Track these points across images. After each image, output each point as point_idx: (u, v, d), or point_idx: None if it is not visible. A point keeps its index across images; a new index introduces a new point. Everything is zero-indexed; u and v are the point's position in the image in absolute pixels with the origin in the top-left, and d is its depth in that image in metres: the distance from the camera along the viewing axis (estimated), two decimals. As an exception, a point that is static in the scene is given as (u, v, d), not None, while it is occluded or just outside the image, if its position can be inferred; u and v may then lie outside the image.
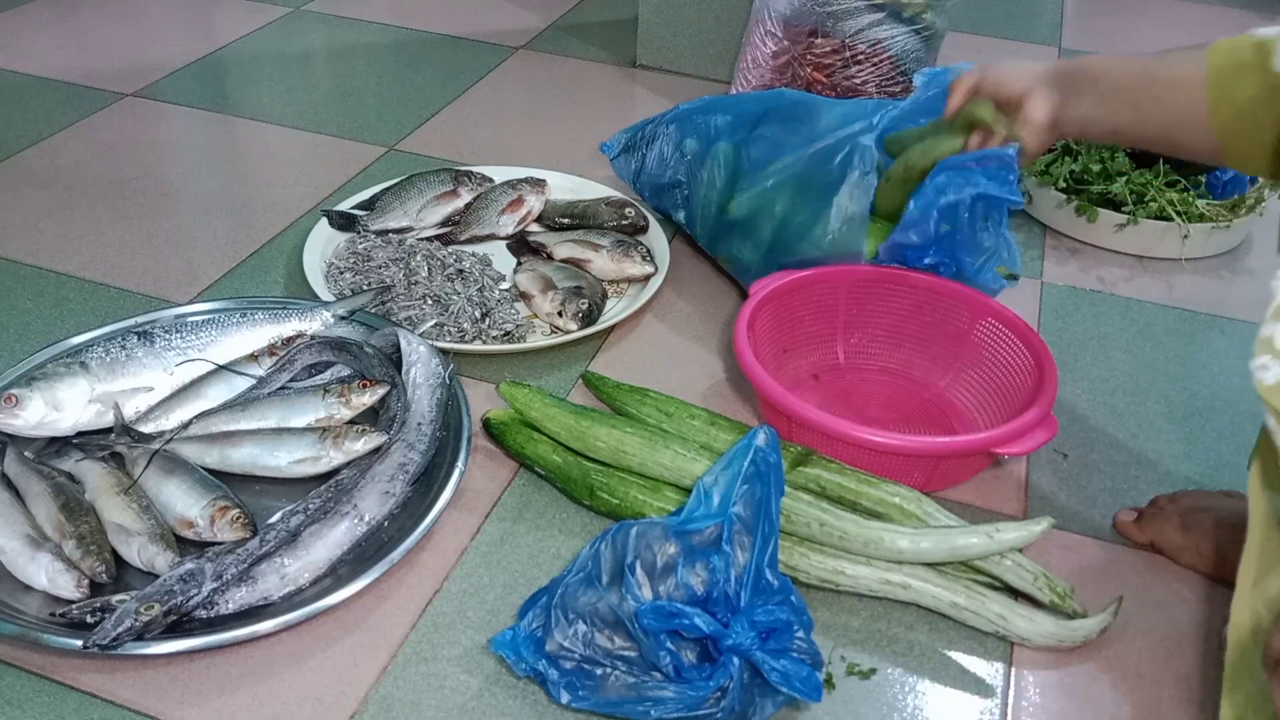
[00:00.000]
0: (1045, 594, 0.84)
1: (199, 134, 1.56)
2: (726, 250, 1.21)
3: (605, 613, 0.75)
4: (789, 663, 0.71)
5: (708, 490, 0.80)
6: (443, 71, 1.76)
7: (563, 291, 1.14)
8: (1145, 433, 1.05)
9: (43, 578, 0.79)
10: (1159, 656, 0.83)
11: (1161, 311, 1.25)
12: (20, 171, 1.41)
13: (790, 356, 1.08)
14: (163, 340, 1.00)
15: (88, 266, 1.22)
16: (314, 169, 1.45)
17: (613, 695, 0.74)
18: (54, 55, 1.75)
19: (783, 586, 0.74)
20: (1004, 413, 0.98)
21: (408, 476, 0.90)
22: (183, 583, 0.77)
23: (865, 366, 1.11)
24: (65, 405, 0.93)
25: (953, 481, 0.97)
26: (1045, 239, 1.38)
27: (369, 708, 0.76)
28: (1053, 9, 2.18)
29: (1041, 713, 0.79)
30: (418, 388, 0.97)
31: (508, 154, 1.49)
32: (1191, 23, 2.12)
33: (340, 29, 1.92)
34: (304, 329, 1.05)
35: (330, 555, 0.83)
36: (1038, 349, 0.98)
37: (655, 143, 1.30)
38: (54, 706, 0.75)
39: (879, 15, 1.43)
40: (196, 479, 0.88)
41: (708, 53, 1.76)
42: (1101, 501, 0.97)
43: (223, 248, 1.27)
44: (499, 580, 0.86)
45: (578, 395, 1.06)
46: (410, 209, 1.30)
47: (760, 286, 1.05)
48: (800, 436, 0.93)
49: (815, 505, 0.86)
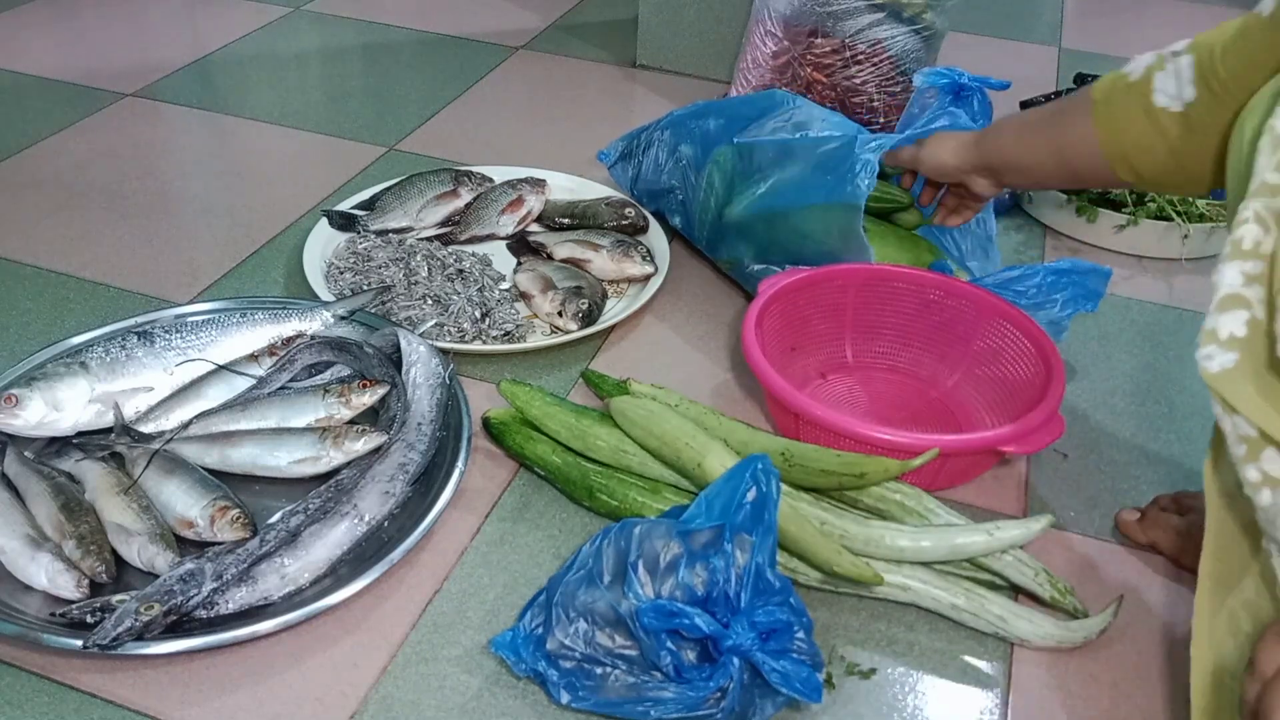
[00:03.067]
0: (1045, 590, 0.84)
1: (199, 134, 1.55)
2: (726, 254, 1.21)
3: (606, 611, 0.75)
4: (789, 663, 0.71)
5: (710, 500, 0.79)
6: (443, 71, 1.76)
7: (563, 291, 1.14)
8: (1145, 433, 1.05)
9: (43, 578, 0.79)
10: (1159, 656, 0.83)
11: (1161, 311, 1.25)
12: (20, 171, 1.41)
13: (798, 355, 1.08)
14: (163, 340, 1.00)
15: (88, 266, 1.22)
16: (314, 169, 1.45)
17: (613, 695, 0.74)
18: (54, 55, 1.75)
19: (783, 587, 0.74)
20: (1011, 412, 0.98)
21: (408, 476, 0.90)
22: (183, 583, 0.77)
23: (873, 365, 1.11)
24: (65, 405, 0.93)
25: (959, 480, 0.97)
26: (1045, 239, 1.38)
27: (369, 708, 0.76)
28: (1053, 9, 2.18)
29: (1041, 713, 0.79)
30: (418, 388, 0.97)
31: (508, 154, 1.49)
32: (1191, 23, 2.13)
33: (340, 29, 1.92)
34: (304, 329, 1.05)
35: (330, 555, 0.83)
36: (1045, 348, 0.98)
37: (651, 149, 1.30)
38: (54, 706, 0.75)
39: (879, 15, 1.43)
40: (196, 479, 0.88)
41: (708, 53, 1.76)
42: (1102, 501, 0.97)
43: (223, 248, 1.27)
44: (499, 580, 0.86)
45: (578, 395, 1.06)
46: (410, 209, 1.30)
47: (769, 285, 1.05)
48: (808, 434, 0.93)
49: (816, 505, 0.86)
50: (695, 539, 0.76)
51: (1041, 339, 0.99)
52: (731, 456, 0.87)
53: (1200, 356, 0.62)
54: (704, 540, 0.76)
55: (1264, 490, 0.61)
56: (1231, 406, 0.61)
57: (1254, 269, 0.62)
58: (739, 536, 0.75)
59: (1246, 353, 0.61)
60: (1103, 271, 1.05)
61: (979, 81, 1.11)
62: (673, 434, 0.90)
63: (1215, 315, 0.62)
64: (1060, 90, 1.54)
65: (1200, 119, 0.83)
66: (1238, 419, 0.61)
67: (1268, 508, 0.61)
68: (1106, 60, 1.83)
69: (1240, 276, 0.62)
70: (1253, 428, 0.61)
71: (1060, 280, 1.05)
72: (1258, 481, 0.61)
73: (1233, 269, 0.62)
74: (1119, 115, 0.88)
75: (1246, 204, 0.62)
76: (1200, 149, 0.84)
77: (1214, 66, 0.80)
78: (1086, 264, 1.05)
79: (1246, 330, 0.61)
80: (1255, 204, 0.62)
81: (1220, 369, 0.61)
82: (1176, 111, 0.84)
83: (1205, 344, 0.62)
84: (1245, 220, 0.62)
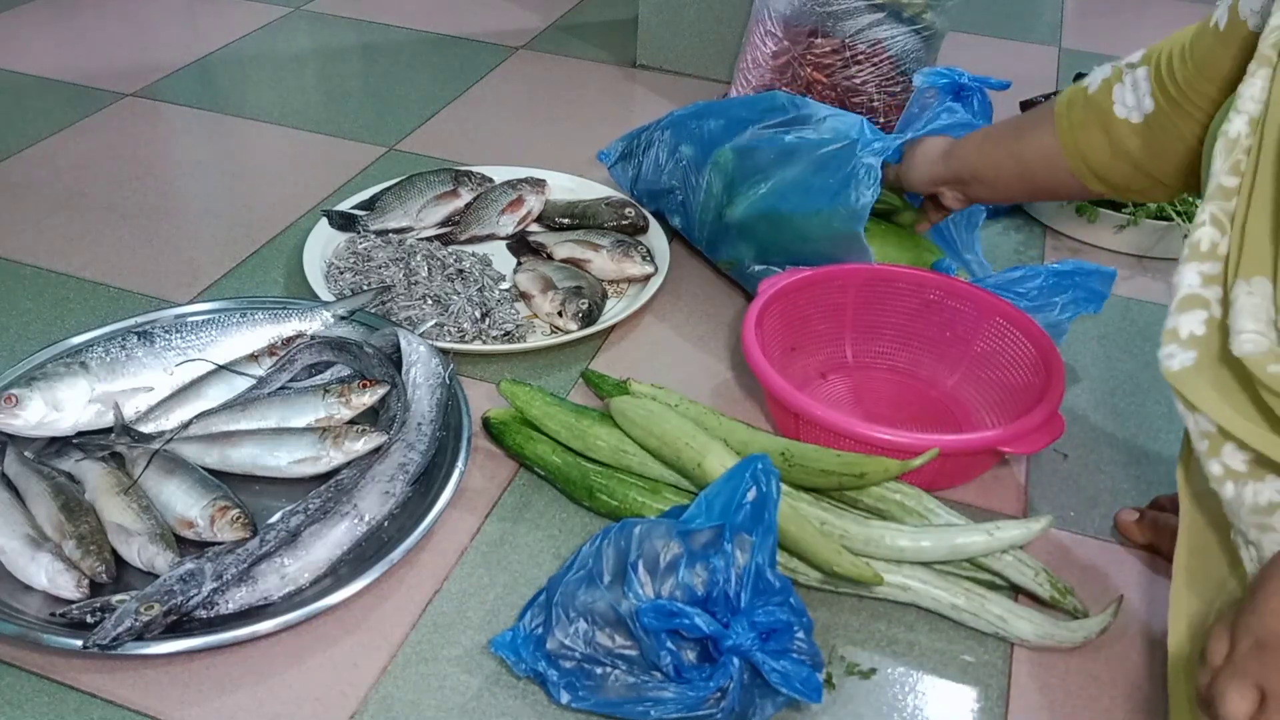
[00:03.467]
0: (1045, 590, 0.84)
1: (199, 134, 1.55)
2: (726, 254, 1.21)
3: (606, 611, 0.75)
4: (789, 663, 0.71)
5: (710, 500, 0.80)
6: (443, 71, 1.76)
7: (563, 291, 1.14)
8: (1145, 433, 1.05)
9: (43, 578, 0.79)
10: (1159, 656, 0.83)
11: (1161, 311, 1.23)
12: (20, 171, 1.41)
13: (798, 355, 1.08)
14: (163, 340, 1.00)
15: (88, 266, 1.22)
16: (314, 169, 1.45)
17: (613, 695, 0.74)
18: (54, 55, 1.75)
19: (783, 587, 0.74)
20: (1011, 412, 0.98)
21: (408, 476, 0.90)
22: (183, 583, 0.77)
23: (873, 365, 1.11)
24: (65, 405, 0.93)
25: (959, 480, 0.97)
26: (1045, 239, 1.38)
27: (369, 708, 0.76)
28: (1053, 9, 2.18)
29: (1041, 713, 0.79)
30: (418, 388, 0.97)
31: (508, 154, 1.49)
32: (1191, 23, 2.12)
33: (340, 29, 1.92)
34: (304, 329, 1.05)
35: (330, 555, 0.83)
36: (1045, 348, 0.98)
37: (651, 149, 1.30)
38: (54, 706, 0.75)
39: (879, 15, 1.43)
40: (196, 479, 0.88)
41: (708, 53, 1.76)
42: (1102, 501, 0.97)
43: (223, 248, 1.27)
44: (499, 580, 0.86)
45: (578, 395, 1.06)
46: (410, 209, 1.30)
47: (769, 285, 1.05)
48: (808, 434, 0.93)
49: (816, 505, 0.86)
50: (695, 539, 0.76)
51: (1041, 339, 0.99)
52: (731, 456, 0.87)
53: (1162, 355, 0.65)
54: (704, 540, 0.76)
55: (1227, 483, 0.64)
56: (1192, 404, 0.64)
57: (1211, 270, 0.65)
58: (739, 536, 0.75)
59: (1204, 351, 0.64)
60: (1106, 273, 1.05)
61: (979, 81, 1.11)
62: (673, 434, 0.90)
63: (1175, 315, 0.65)
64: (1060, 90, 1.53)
65: (1161, 127, 0.85)
66: (1199, 416, 0.64)
67: (1230, 500, 0.64)
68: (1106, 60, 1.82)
69: (1198, 277, 0.65)
70: (1212, 424, 0.63)
71: (1062, 282, 1.05)
72: (1220, 475, 0.64)
73: (1191, 270, 0.65)
74: (1080, 127, 0.91)
75: (1204, 207, 0.65)
76: (1164, 156, 0.86)
77: (1170, 75, 0.83)
78: (1090, 265, 1.05)
79: (1205, 329, 0.64)
80: (1211, 207, 0.65)
81: (1180, 367, 0.64)
82: (1137, 123, 0.87)
83: (1166, 343, 0.65)
84: (1202, 223, 0.65)
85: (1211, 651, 0.59)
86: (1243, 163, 0.65)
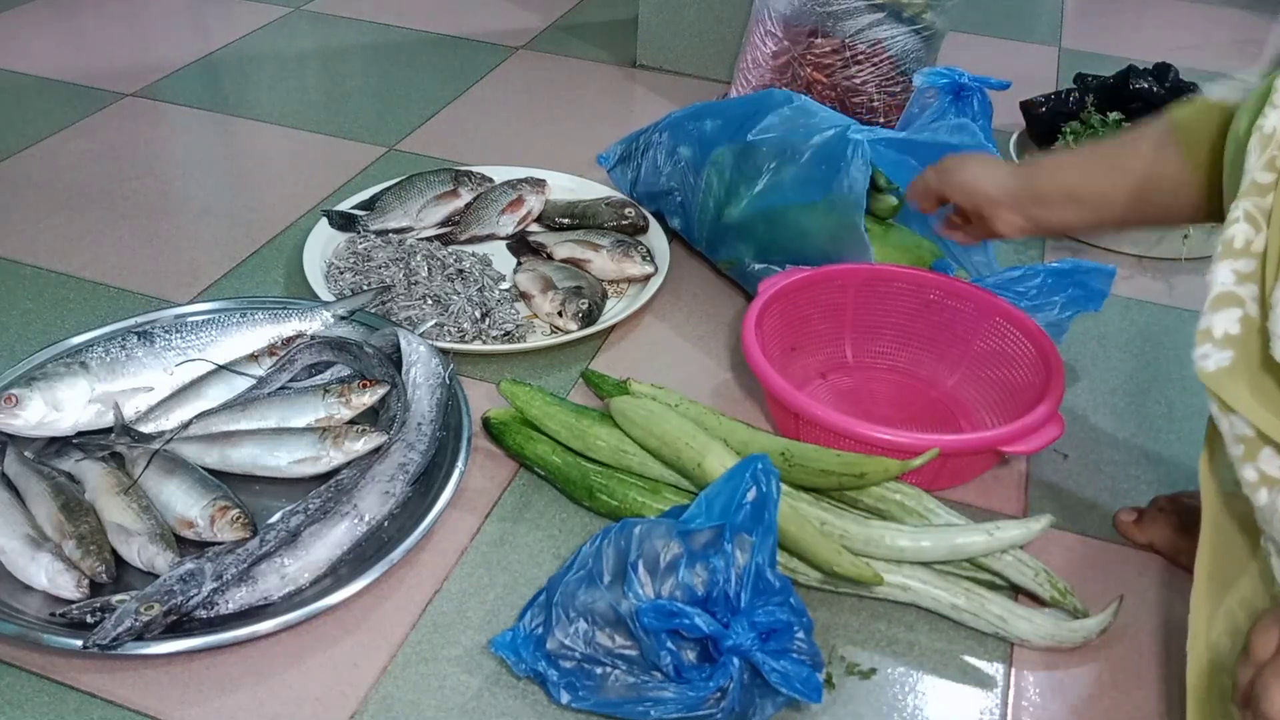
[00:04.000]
0: (1045, 590, 0.84)
1: (199, 134, 1.55)
2: (726, 254, 1.21)
3: (606, 611, 0.75)
4: (789, 663, 0.71)
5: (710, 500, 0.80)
6: (443, 71, 1.76)
7: (563, 291, 1.14)
8: (1145, 433, 1.05)
9: (43, 578, 0.79)
10: (1159, 656, 0.83)
11: (1161, 311, 1.25)
12: (20, 171, 1.41)
13: (798, 355, 1.08)
14: (163, 340, 1.00)
15: (88, 266, 1.22)
16: (314, 169, 1.45)
17: (613, 695, 0.74)
18: (54, 55, 1.75)
19: (783, 587, 0.74)
20: (1011, 411, 0.98)
21: (408, 476, 0.90)
22: (183, 583, 0.77)
23: (873, 365, 1.11)
24: (65, 405, 0.93)
25: (959, 480, 0.97)
26: (1045, 239, 1.37)
27: (369, 708, 0.76)
28: (1053, 9, 2.18)
29: (1041, 713, 0.79)
30: (418, 388, 0.97)
31: (508, 154, 1.49)
32: (1191, 23, 2.12)
33: (340, 29, 1.92)
34: (304, 329, 1.05)
35: (330, 555, 0.83)
36: (1045, 348, 0.98)
37: (649, 152, 1.30)
38: (54, 706, 0.75)
39: (879, 15, 1.43)
40: (196, 479, 0.88)
41: (708, 53, 1.76)
42: (1102, 501, 0.97)
43: (223, 248, 1.27)
44: (499, 580, 0.86)
45: (578, 395, 1.06)
46: (410, 209, 1.30)
47: (769, 285, 1.05)
48: (808, 434, 0.93)
49: (816, 505, 0.86)
50: (695, 539, 0.76)
51: (1041, 339, 0.99)
52: (731, 456, 0.87)
53: (1196, 356, 0.63)
54: (704, 540, 0.76)
55: (1261, 490, 0.61)
56: (1228, 406, 0.62)
57: (1245, 267, 0.63)
58: (739, 536, 0.75)
59: (1241, 351, 0.62)
60: (1106, 271, 1.05)
61: (979, 81, 1.11)
62: (673, 434, 0.90)
63: (1209, 314, 0.63)
64: (1060, 90, 1.54)
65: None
66: (1235, 418, 0.62)
67: (1264, 507, 0.62)
68: (1106, 60, 1.83)
69: (1232, 275, 0.63)
70: (1250, 427, 0.61)
71: (1062, 281, 1.05)
72: (1255, 481, 0.61)
73: (1225, 268, 0.63)
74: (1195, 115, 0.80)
75: (1237, 203, 0.63)
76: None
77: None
78: (1089, 264, 1.05)
79: (1240, 328, 0.62)
80: (1245, 203, 0.63)
81: (1216, 368, 0.62)
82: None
83: (1201, 343, 0.63)
84: (1236, 219, 0.63)
85: (1257, 646, 0.58)
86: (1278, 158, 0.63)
